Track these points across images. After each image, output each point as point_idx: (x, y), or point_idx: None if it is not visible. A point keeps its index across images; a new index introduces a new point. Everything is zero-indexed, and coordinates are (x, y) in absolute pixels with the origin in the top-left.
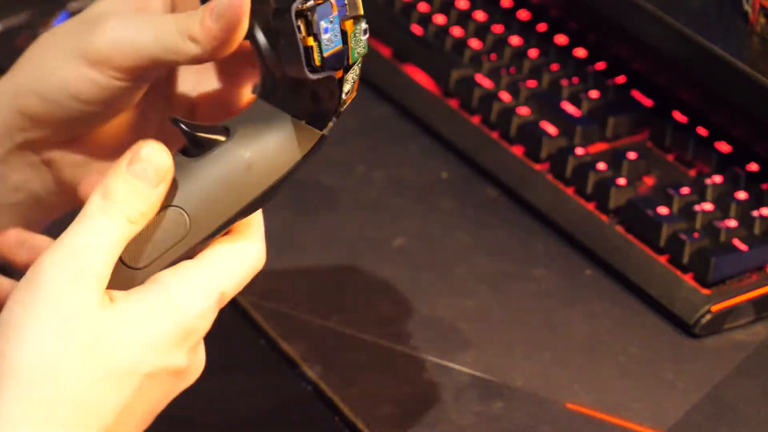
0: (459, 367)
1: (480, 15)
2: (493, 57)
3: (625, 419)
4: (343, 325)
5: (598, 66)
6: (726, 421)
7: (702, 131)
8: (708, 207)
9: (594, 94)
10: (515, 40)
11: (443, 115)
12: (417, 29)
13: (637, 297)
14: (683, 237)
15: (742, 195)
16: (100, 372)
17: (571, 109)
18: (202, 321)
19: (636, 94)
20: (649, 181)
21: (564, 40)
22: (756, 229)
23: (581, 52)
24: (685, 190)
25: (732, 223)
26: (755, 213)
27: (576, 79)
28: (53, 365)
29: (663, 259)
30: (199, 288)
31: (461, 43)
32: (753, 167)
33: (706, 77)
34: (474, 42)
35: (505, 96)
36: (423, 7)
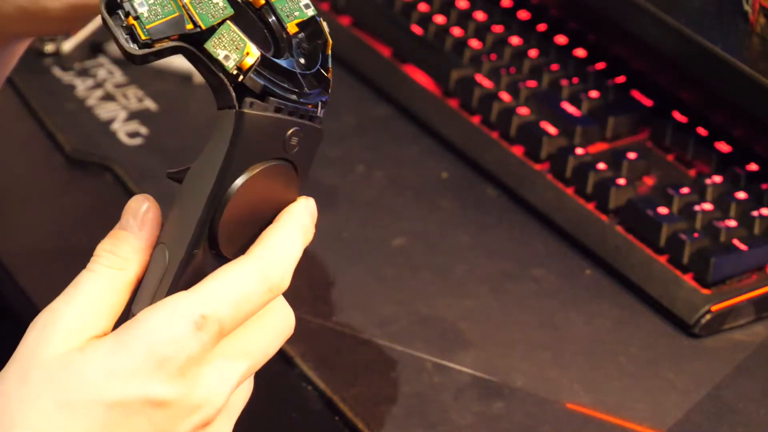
0: (459, 367)
1: (480, 15)
2: (493, 57)
3: (625, 419)
4: (343, 325)
5: (598, 66)
6: (726, 421)
7: (702, 131)
8: (708, 207)
9: (594, 94)
10: (515, 40)
11: (443, 115)
12: (417, 29)
13: (637, 297)
14: (683, 237)
15: (742, 195)
16: (58, 405)
17: (571, 109)
18: (174, 346)
19: (636, 94)
20: (649, 181)
21: (564, 40)
22: (756, 229)
23: (581, 52)
24: (685, 190)
25: (732, 223)
26: (755, 213)
27: (576, 79)
28: (12, 409)
29: (663, 259)
30: (170, 313)
31: (461, 43)
32: (753, 167)
33: (706, 77)
34: (474, 42)
35: (505, 96)
36: (423, 7)
